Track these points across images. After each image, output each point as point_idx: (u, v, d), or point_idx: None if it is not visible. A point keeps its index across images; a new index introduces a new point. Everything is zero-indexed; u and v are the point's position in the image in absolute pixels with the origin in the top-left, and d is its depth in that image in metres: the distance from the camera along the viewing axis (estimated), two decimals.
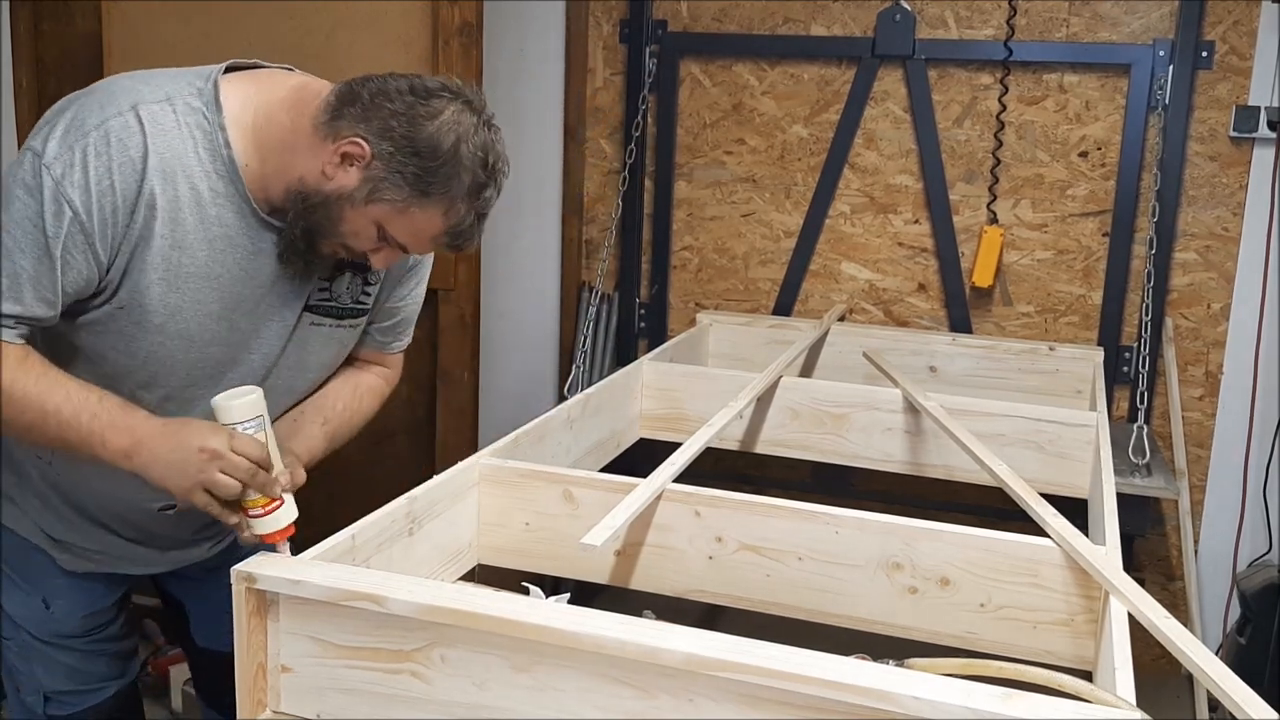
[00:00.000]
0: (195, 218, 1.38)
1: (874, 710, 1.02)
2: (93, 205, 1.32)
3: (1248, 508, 2.83)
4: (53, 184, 1.31)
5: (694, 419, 2.40)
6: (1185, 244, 2.80)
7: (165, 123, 1.36)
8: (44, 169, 1.31)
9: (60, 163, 1.31)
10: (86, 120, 1.34)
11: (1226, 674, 1.15)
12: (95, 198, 1.32)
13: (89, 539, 1.65)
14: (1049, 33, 2.82)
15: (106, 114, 1.34)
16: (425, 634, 1.20)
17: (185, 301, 1.41)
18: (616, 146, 3.16)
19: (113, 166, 1.32)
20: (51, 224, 1.31)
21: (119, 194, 1.33)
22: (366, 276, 1.57)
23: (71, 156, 1.31)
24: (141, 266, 1.37)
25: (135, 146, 1.33)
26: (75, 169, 1.31)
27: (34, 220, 1.31)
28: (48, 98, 3.22)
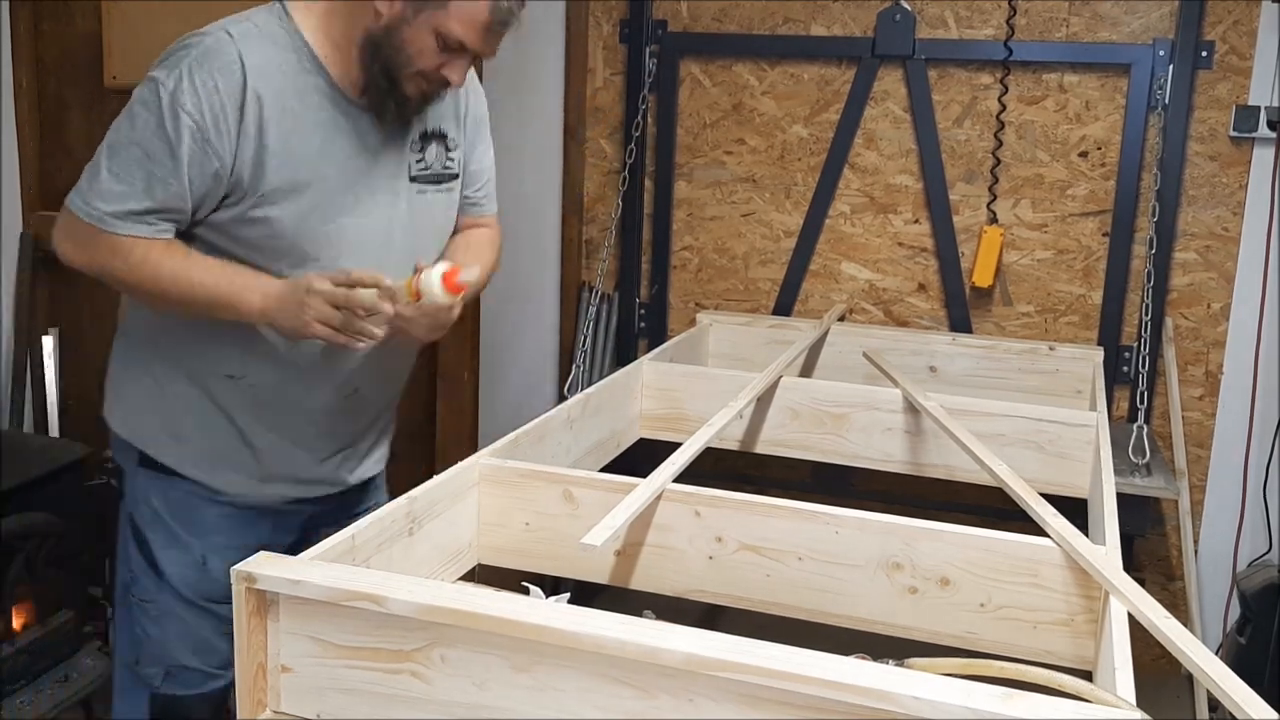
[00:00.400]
0: (299, 107, 1.60)
1: (874, 710, 1.02)
2: (204, 108, 1.53)
3: (1247, 507, 2.83)
4: (167, 97, 1.53)
5: (694, 419, 2.40)
6: (1185, 244, 2.80)
7: (250, 34, 1.58)
8: (159, 86, 1.54)
9: (171, 78, 1.53)
10: (188, 44, 1.56)
11: (1226, 674, 1.15)
12: (205, 101, 1.53)
13: (281, 459, 1.78)
14: (1049, 32, 2.82)
15: (203, 36, 1.57)
16: (425, 634, 1.20)
17: (310, 178, 1.61)
18: (616, 146, 3.16)
19: (214, 72, 1.54)
20: (171, 131, 1.53)
21: (224, 95, 1.54)
22: (447, 144, 1.79)
23: (179, 72, 1.53)
24: (263, 156, 1.57)
25: (230, 54, 1.55)
26: (184, 80, 1.53)
27: (155, 130, 1.54)
28: (48, 98, 3.23)
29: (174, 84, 1.53)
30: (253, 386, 1.71)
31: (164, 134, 1.53)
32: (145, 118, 1.55)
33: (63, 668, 2.69)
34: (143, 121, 1.55)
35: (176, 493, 1.73)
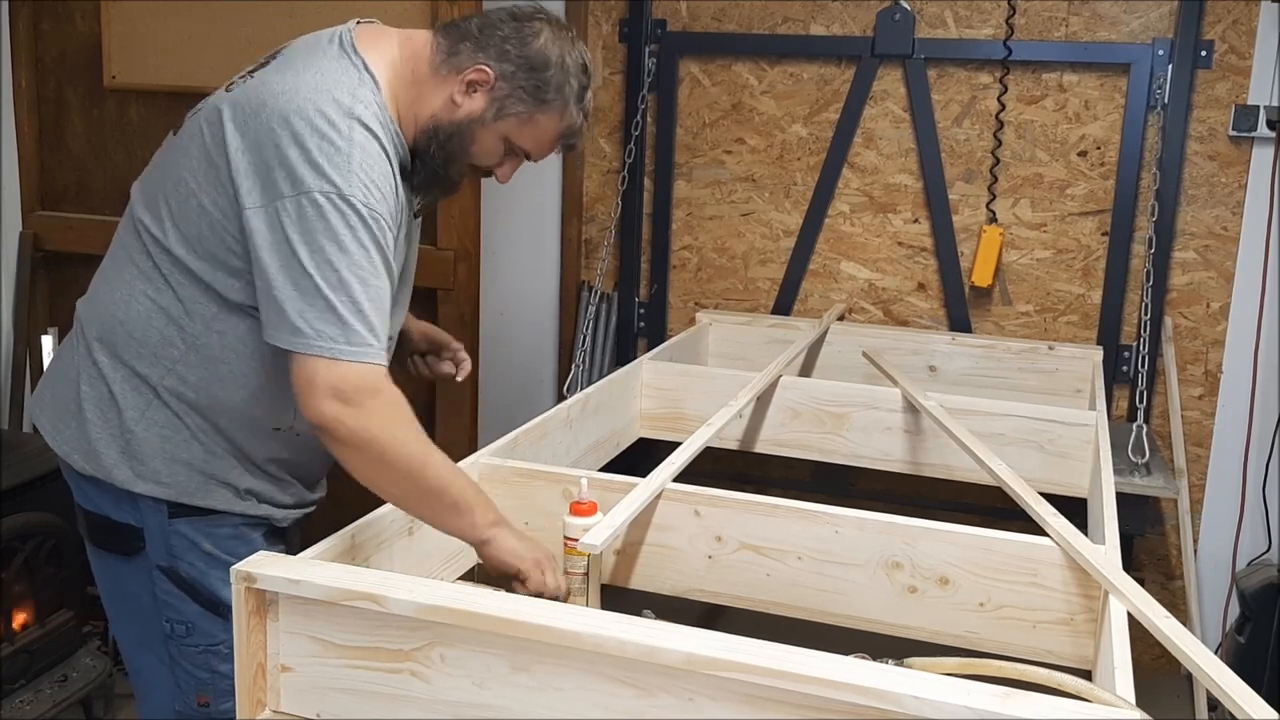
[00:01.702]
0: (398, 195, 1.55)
1: (874, 710, 1.02)
2: (388, 208, 1.47)
3: (1247, 507, 2.83)
4: (363, 209, 1.43)
5: (693, 418, 2.40)
6: (1184, 243, 2.80)
7: (374, 117, 1.49)
8: (344, 199, 1.42)
9: (354, 186, 1.43)
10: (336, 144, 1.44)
11: (1226, 673, 1.15)
12: (385, 198, 1.47)
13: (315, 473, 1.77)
14: (1048, 32, 2.82)
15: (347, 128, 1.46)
16: (425, 633, 1.20)
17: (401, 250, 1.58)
18: (616, 146, 3.16)
19: (380, 172, 1.47)
20: (378, 238, 1.45)
21: (389, 192, 1.49)
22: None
23: (357, 178, 1.44)
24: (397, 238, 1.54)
25: (380, 151, 1.48)
26: (370, 188, 1.45)
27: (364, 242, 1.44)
28: (47, 98, 3.23)
29: (359, 189, 1.44)
30: (299, 435, 1.66)
31: (374, 243, 1.45)
32: (359, 239, 1.43)
33: (62, 668, 2.69)
34: (358, 243, 1.43)
35: (224, 530, 1.67)
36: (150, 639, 1.72)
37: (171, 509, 1.64)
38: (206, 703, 1.74)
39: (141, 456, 1.61)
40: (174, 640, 1.70)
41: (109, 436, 1.62)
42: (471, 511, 1.50)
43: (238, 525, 1.68)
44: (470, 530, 1.50)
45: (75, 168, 3.26)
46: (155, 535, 1.65)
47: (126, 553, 1.68)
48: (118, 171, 3.24)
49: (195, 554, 1.66)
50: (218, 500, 1.66)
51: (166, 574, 1.66)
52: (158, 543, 1.65)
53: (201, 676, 1.72)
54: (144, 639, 1.73)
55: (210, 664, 1.71)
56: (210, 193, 1.52)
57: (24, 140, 3.23)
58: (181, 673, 1.73)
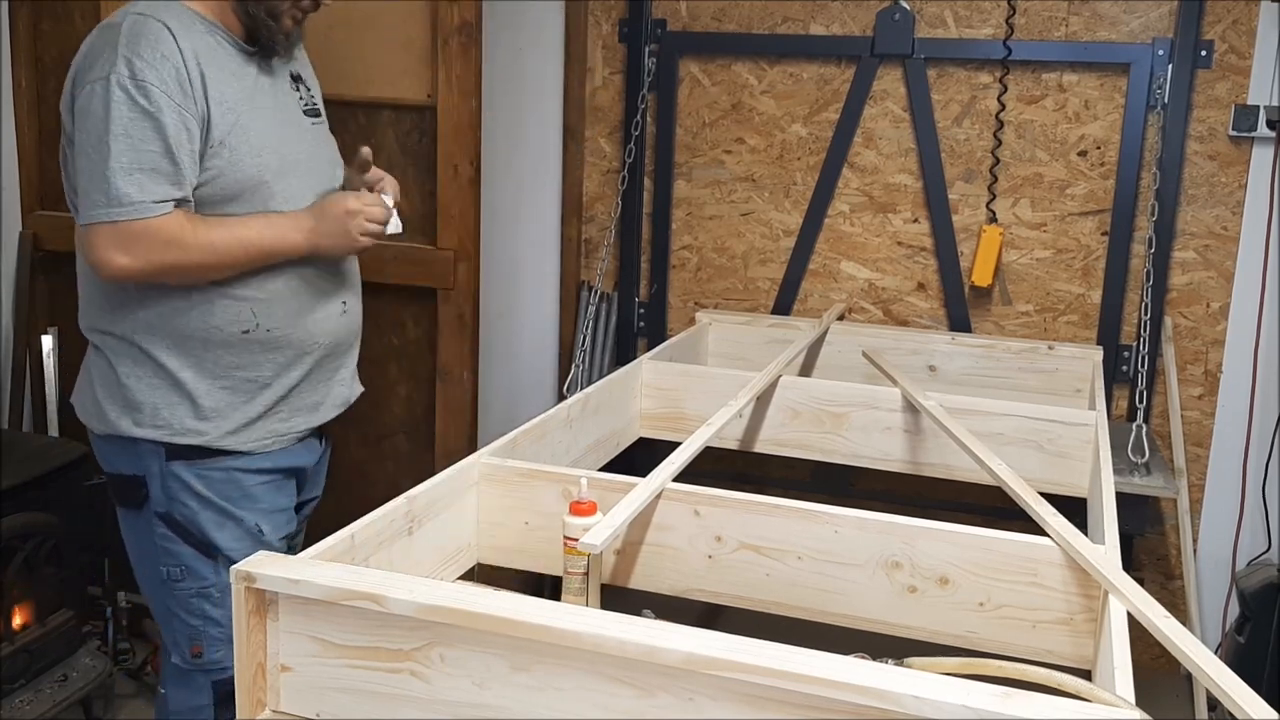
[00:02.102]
0: (216, 60, 1.72)
1: (874, 710, 1.02)
2: (164, 75, 1.63)
3: (1247, 507, 2.83)
4: (128, 82, 1.61)
5: (693, 418, 2.40)
6: (1184, 243, 2.80)
7: (156, 9, 1.68)
8: (112, 78, 1.61)
9: (120, 64, 1.62)
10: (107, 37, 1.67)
11: (1225, 673, 1.15)
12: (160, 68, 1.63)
13: (301, 392, 1.91)
14: (1048, 32, 2.82)
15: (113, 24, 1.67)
16: (425, 633, 1.20)
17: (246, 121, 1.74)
18: (616, 146, 3.16)
19: (154, 44, 1.64)
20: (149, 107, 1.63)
21: (171, 59, 1.65)
22: (306, 84, 1.96)
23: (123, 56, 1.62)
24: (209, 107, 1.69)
25: (156, 26, 1.65)
26: (134, 60, 1.62)
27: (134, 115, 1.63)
28: (47, 98, 3.22)
29: (126, 68, 1.62)
30: (268, 332, 1.82)
31: (144, 113, 1.62)
32: (117, 110, 1.62)
33: (62, 667, 2.69)
34: (117, 114, 1.62)
35: (215, 473, 1.82)
36: (155, 587, 1.86)
37: (169, 452, 1.79)
38: (200, 652, 1.86)
39: (138, 405, 1.78)
40: (169, 585, 1.83)
41: (110, 395, 1.81)
42: (282, 252, 1.76)
43: (230, 469, 1.82)
44: (297, 253, 1.78)
45: None
46: (155, 481, 1.81)
47: (137, 504, 1.83)
48: None
49: (189, 495, 1.80)
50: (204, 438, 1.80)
51: (163, 519, 1.81)
52: (157, 488, 1.81)
53: (194, 624, 1.84)
54: (151, 589, 1.87)
55: (202, 609, 1.84)
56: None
57: (24, 140, 3.23)
58: (178, 623, 1.86)
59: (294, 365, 1.88)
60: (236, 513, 1.83)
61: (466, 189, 2.72)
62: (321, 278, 1.87)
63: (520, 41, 3.16)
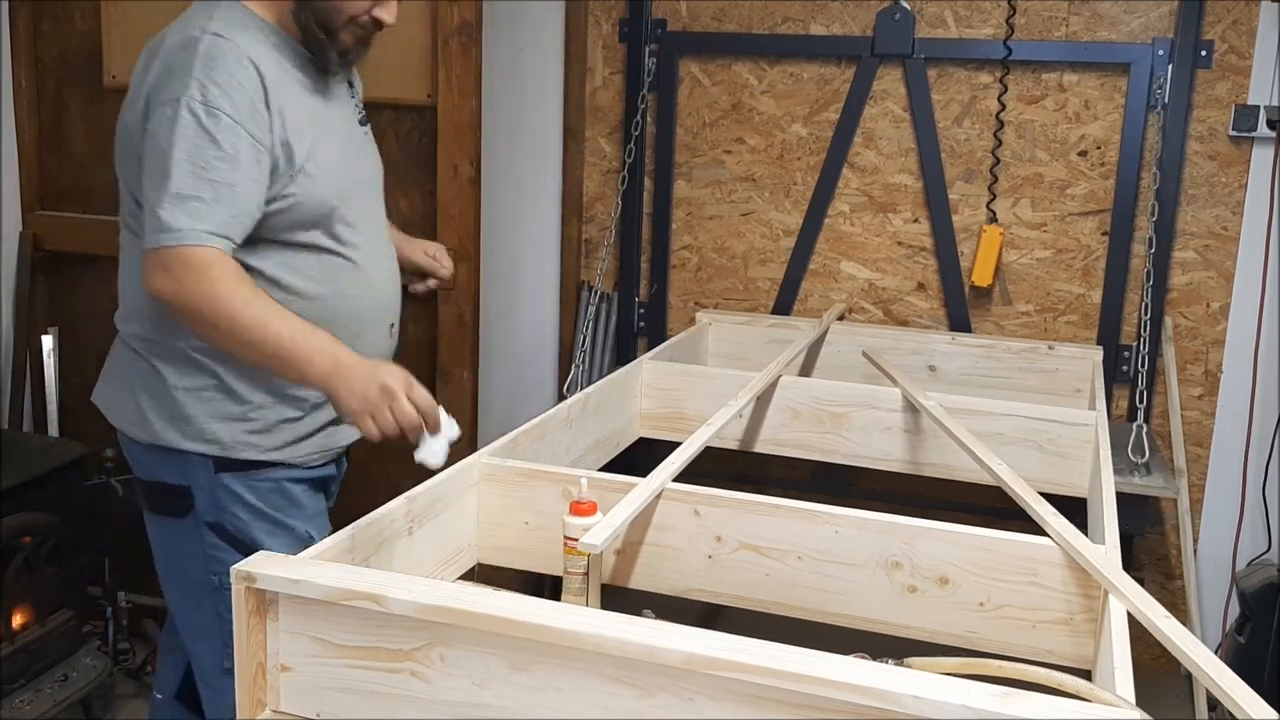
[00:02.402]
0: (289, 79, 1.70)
1: (874, 710, 1.02)
2: (237, 102, 1.60)
3: (1247, 507, 2.83)
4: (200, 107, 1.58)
5: (693, 418, 2.40)
6: (1184, 243, 2.80)
7: (232, 26, 1.66)
8: (185, 101, 1.58)
9: (194, 88, 1.59)
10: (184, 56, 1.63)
11: (1225, 673, 1.15)
12: (235, 96, 1.60)
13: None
14: (1048, 32, 2.82)
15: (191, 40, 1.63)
16: (424, 633, 1.20)
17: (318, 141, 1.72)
18: (616, 146, 3.16)
19: (231, 70, 1.61)
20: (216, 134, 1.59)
21: (248, 87, 1.62)
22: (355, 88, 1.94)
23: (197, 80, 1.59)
24: (286, 134, 1.67)
25: (234, 50, 1.62)
26: (208, 86, 1.59)
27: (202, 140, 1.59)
28: (47, 98, 3.23)
29: (200, 92, 1.59)
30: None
31: (211, 140, 1.58)
32: (183, 134, 1.58)
33: (62, 667, 2.69)
34: (183, 138, 1.58)
35: (265, 484, 1.81)
36: (200, 595, 1.85)
37: (217, 464, 1.78)
38: None
39: (187, 417, 1.76)
40: (220, 592, 1.81)
41: (157, 405, 1.78)
42: (298, 367, 1.56)
43: (279, 480, 1.83)
44: (302, 381, 1.59)
45: (75, 168, 3.25)
46: (203, 492, 1.79)
47: (179, 513, 1.81)
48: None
49: (239, 506, 1.80)
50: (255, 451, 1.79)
51: (213, 529, 1.80)
52: (206, 499, 1.79)
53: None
54: (192, 595, 1.87)
55: None
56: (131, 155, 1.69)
57: (24, 140, 3.23)
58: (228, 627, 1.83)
59: None
60: (288, 521, 1.83)
61: (466, 189, 2.72)
62: (373, 301, 1.86)
63: (520, 41, 3.16)
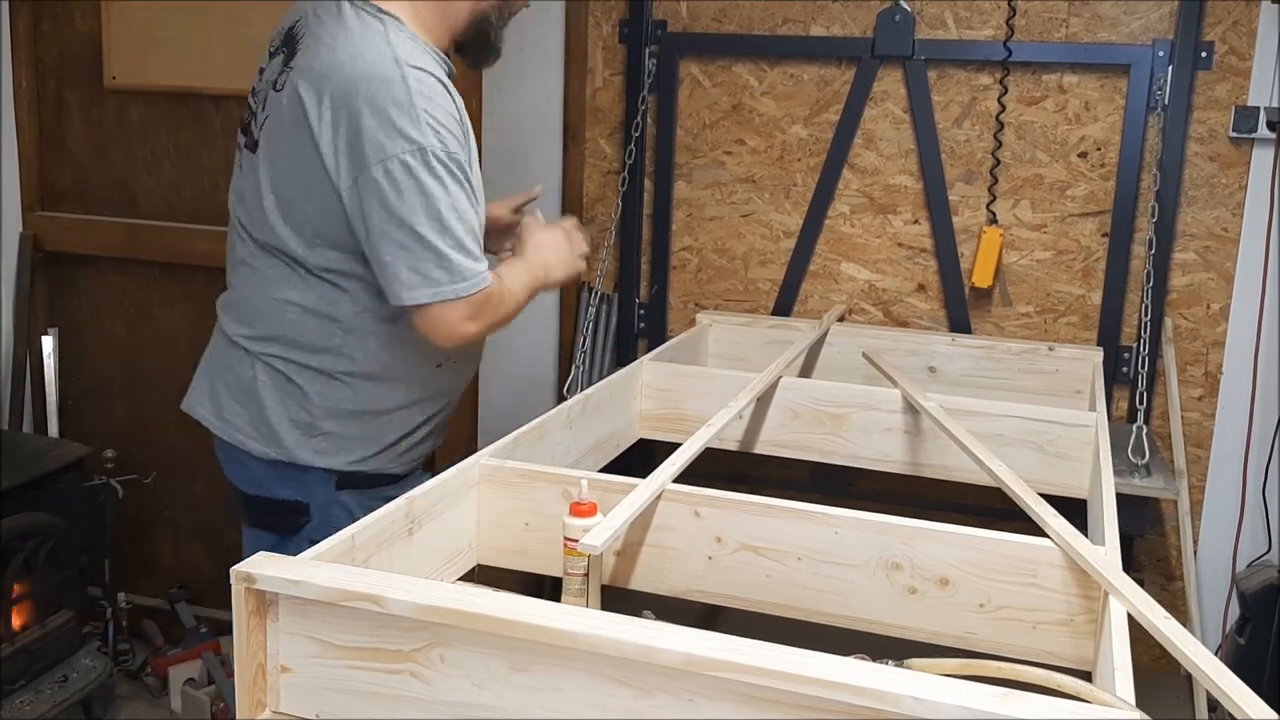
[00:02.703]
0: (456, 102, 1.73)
1: (873, 710, 1.02)
2: (457, 142, 1.67)
3: (1247, 508, 2.83)
4: (437, 153, 1.62)
5: (693, 419, 2.40)
6: (1185, 244, 2.80)
7: (417, 54, 1.67)
8: (422, 150, 1.61)
9: (423, 133, 1.61)
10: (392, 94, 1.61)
11: (1225, 674, 1.15)
12: (453, 134, 1.66)
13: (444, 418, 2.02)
14: (1048, 33, 2.82)
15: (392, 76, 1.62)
16: (424, 634, 1.20)
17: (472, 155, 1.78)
18: (616, 147, 3.16)
19: (442, 107, 1.65)
20: (456, 173, 1.66)
21: (456, 123, 1.68)
22: None
23: (423, 123, 1.61)
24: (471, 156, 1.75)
25: (439, 87, 1.67)
26: (435, 128, 1.63)
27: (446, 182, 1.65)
28: (47, 98, 3.23)
29: (432, 137, 1.62)
30: (454, 363, 1.93)
31: (454, 180, 1.66)
32: (428, 179, 1.63)
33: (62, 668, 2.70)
34: (431, 185, 1.63)
35: (377, 502, 1.76)
36: None
37: (340, 479, 1.83)
38: None
39: (325, 433, 1.81)
40: None
41: (290, 419, 1.81)
42: (539, 283, 1.91)
43: (392, 496, 1.83)
44: (548, 285, 1.95)
45: (75, 168, 3.26)
46: (319, 509, 1.83)
47: (289, 530, 1.83)
48: (118, 172, 3.24)
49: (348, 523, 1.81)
50: (375, 464, 1.87)
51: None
52: (320, 517, 1.83)
53: None
54: None
55: None
56: (313, 189, 1.68)
57: (24, 140, 3.23)
58: None
59: (457, 395, 2.02)
60: None
61: None
62: None
63: (520, 41, 3.16)
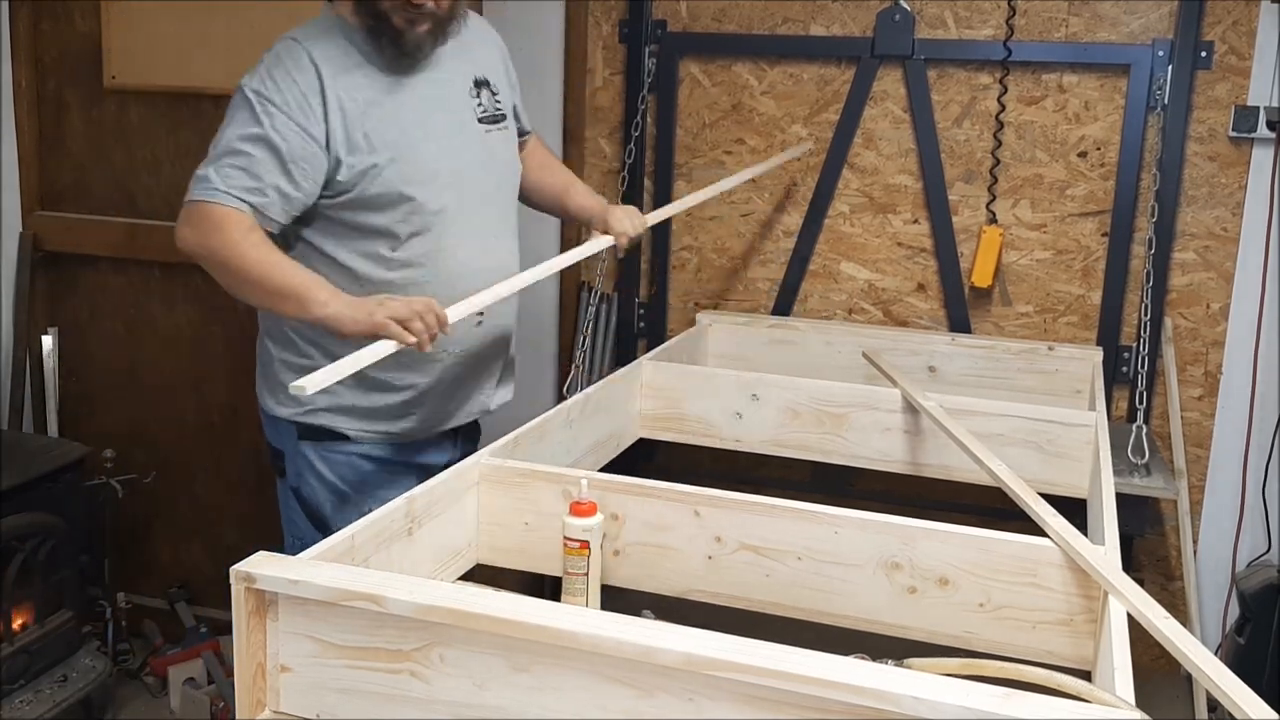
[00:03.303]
0: (365, 79, 1.86)
1: (873, 710, 1.02)
2: (288, 98, 1.78)
3: (1247, 508, 2.83)
4: (254, 96, 1.79)
5: (694, 419, 2.40)
6: (1184, 244, 2.80)
7: (311, 34, 1.85)
8: (246, 90, 1.80)
9: (254, 80, 1.81)
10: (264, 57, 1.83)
11: (1225, 674, 1.15)
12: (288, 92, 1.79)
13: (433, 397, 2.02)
14: (1048, 33, 2.82)
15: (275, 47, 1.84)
16: (424, 634, 1.20)
17: (396, 137, 1.85)
18: (616, 146, 3.16)
19: (290, 70, 1.80)
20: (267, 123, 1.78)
21: (303, 86, 1.79)
22: (492, 88, 2.05)
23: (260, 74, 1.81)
24: (349, 130, 1.82)
25: (299, 52, 1.82)
26: (266, 80, 1.80)
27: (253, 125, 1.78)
28: (47, 98, 3.23)
29: (259, 84, 1.80)
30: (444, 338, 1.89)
31: (256, 122, 1.77)
32: (242, 118, 1.79)
33: (62, 668, 2.70)
34: (240, 121, 1.79)
35: (338, 456, 1.95)
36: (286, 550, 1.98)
37: (300, 432, 1.95)
38: None
39: (281, 385, 1.91)
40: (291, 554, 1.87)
41: (265, 374, 2.01)
42: (300, 297, 1.73)
43: (350, 455, 1.96)
44: (304, 314, 1.75)
45: (75, 168, 3.26)
46: (290, 457, 1.98)
47: (281, 474, 2.01)
48: (117, 172, 3.24)
49: (313, 475, 1.96)
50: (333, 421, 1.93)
51: (294, 493, 1.97)
52: (291, 465, 1.98)
53: None
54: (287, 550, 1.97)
55: None
56: None
57: (24, 140, 3.23)
58: None
59: (423, 372, 1.98)
60: (354, 497, 1.94)
61: None
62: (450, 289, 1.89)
63: (520, 42, 3.15)
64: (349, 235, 1.89)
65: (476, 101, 2.01)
